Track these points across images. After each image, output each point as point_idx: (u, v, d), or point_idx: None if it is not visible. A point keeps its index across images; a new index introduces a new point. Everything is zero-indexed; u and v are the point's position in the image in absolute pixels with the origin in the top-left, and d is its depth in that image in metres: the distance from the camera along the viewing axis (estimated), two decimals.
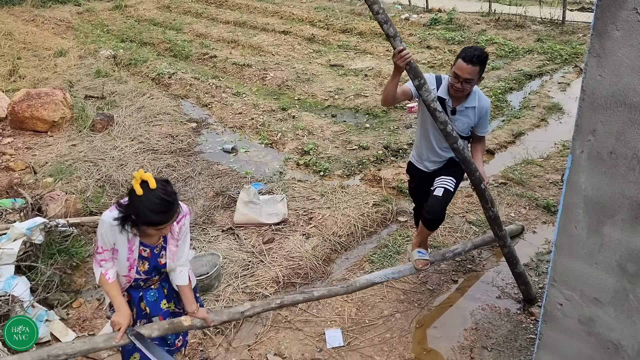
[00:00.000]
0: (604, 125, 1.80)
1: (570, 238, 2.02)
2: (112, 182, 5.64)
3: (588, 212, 1.94)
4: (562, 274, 2.10)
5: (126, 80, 8.80)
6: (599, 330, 2.06)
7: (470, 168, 3.34)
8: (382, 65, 9.41)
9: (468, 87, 3.33)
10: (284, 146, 6.66)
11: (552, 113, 7.39)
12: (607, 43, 1.72)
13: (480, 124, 3.59)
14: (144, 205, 2.28)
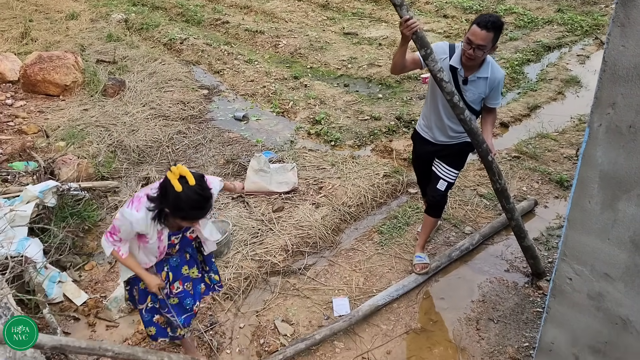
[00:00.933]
0: (625, 98, 1.75)
1: (584, 213, 1.99)
2: (124, 147, 5.65)
3: (603, 186, 1.90)
4: (573, 249, 2.08)
5: (138, 45, 8.73)
6: (608, 305, 2.05)
7: (477, 140, 3.32)
8: (397, 34, 9.21)
9: (480, 54, 3.23)
10: (296, 115, 6.61)
11: (569, 86, 7.23)
12: (632, 12, 1.65)
13: (492, 96, 3.50)
14: (183, 201, 2.31)
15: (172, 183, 2.30)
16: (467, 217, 4.65)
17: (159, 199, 2.39)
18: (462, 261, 4.19)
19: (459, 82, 3.39)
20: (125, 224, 2.45)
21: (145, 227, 2.46)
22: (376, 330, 3.60)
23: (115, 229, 2.51)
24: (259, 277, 4.05)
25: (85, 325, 3.63)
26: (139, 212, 2.43)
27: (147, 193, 2.46)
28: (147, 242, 2.55)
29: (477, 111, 3.59)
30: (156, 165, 5.43)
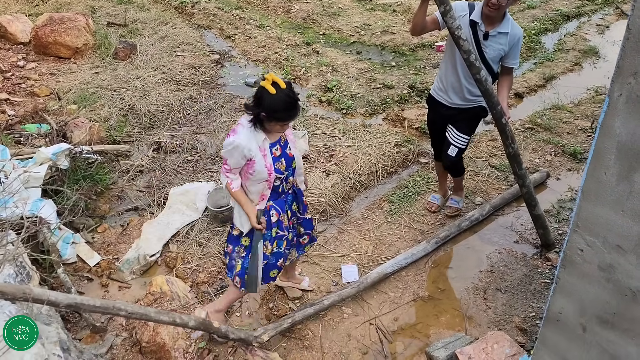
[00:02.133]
0: None
1: (599, 184, 1.97)
2: (135, 111, 5.65)
3: (620, 158, 1.87)
4: (586, 220, 2.07)
5: (149, 8, 8.62)
6: (619, 277, 2.05)
7: (492, 101, 3.33)
8: (412, 0, 9.03)
9: (502, 6, 3.26)
10: (307, 82, 6.55)
11: (587, 57, 7.08)
12: None
13: (511, 54, 3.50)
14: (277, 102, 2.60)
15: (266, 88, 2.59)
16: (478, 188, 4.64)
17: (256, 104, 2.66)
18: (471, 231, 4.19)
19: (479, 37, 3.43)
20: (230, 150, 2.70)
21: (246, 145, 2.68)
22: (384, 297, 3.64)
23: (224, 161, 2.78)
24: None
25: (98, 286, 3.70)
26: (237, 134, 2.70)
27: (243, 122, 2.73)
28: (254, 167, 2.75)
29: (495, 72, 3.60)
30: (167, 130, 5.44)
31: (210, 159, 5.01)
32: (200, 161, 4.98)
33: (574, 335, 2.32)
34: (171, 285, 3.44)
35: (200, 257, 3.89)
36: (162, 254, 3.94)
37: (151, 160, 4.94)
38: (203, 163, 4.95)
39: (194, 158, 5.02)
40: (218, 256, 3.90)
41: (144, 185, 4.66)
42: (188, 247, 3.98)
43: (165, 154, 5.08)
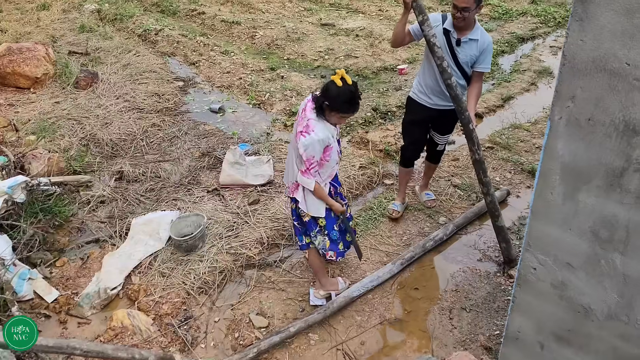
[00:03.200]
0: (583, 91, 1.78)
1: (546, 203, 2.03)
2: (97, 141, 5.57)
3: (564, 178, 1.94)
4: (537, 239, 2.12)
5: (111, 36, 8.58)
6: (571, 294, 2.10)
7: (460, 106, 3.57)
8: (374, 25, 9.22)
9: (467, 14, 3.57)
10: (272, 107, 6.58)
11: (542, 77, 7.32)
12: (589, 7, 1.68)
13: (481, 59, 3.79)
14: (342, 95, 2.97)
15: (335, 81, 2.96)
16: (441, 208, 4.70)
17: (323, 94, 3.01)
18: (436, 251, 4.23)
19: (452, 44, 3.75)
20: (312, 146, 3.01)
21: (326, 136, 3.04)
22: (351, 322, 3.63)
23: (308, 162, 3.07)
24: (234, 271, 4.05)
25: (56, 323, 3.59)
26: (315, 131, 3.01)
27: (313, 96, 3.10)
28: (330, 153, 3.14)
29: (469, 75, 3.89)
30: (130, 159, 5.36)
31: (174, 186, 4.95)
32: (164, 189, 4.92)
33: (533, 353, 2.36)
34: (133, 319, 3.36)
35: (163, 288, 3.81)
36: (124, 287, 3.85)
37: (113, 190, 4.85)
38: (167, 191, 4.89)
39: (157, 186, 4.95)
40: (182, 286, 3.84)
41: (106, 216, 4.57)
42: (151, 278, 3.90)
43: (127, 183, 5.01)
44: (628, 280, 1.90)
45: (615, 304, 1.98)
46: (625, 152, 1.75)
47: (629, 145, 1.74)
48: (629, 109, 1.70)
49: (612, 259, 1.92)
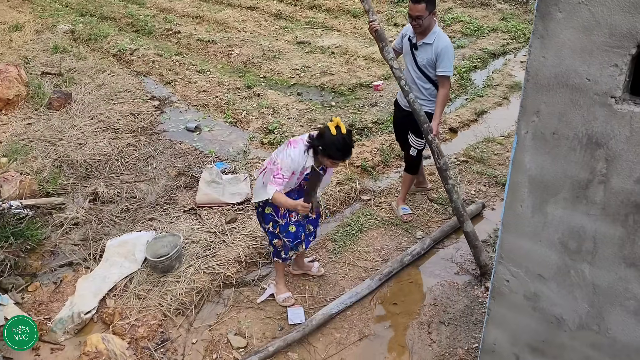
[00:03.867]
0: (547, 106, 1.83)
1: (516, 216, 2.06)
2: (70, 162, 5.50)
3: (532, 191, 1.98)
4: (509, 251, 2.15)
5: (85, 57, 8.53)
6: (543, 305, 2.13)
7: (419, 119, 3.99)
8: (349, 43, 9.35)
9: (421, 22, 3.94)
10: (249, 125, 6.58)
11: (514, 92, 7.48)
12: (550, 25, 1.73)
13: (439, 63, 4.05)
14: (335, 143, 3.15)
15: (330, 128, 3.12)
16: (418, 222, 4.74)
17: (318, 139, 3.20)
18: (414, 266, 4.25)
19: (412, 48, 4.16)
20: (287, 161, 3.23)
21: (298, 162, 3.26)
22: (330, 339, 3.61)
23: (279, 170, 3.25)
24: (212, 291, 4.00)
25: (28, 350, 3.48)
26: (296, 149, 3.25)
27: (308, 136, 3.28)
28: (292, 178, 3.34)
29: (432, 78, 4.18)
30: (105, 180, 5.30)
31: (150, 207, 4.90)
32: (140, 210, 4.87)
33: None
34: (107, 344, 3.29)
35: (139, 311, 3.75)
36: (98, 311, 3.77)
37: (87, 212, 4.78)
38: (142, 212, 4.83)
39: (132, 207, 4.90)
40: (159, 308, 3.78)
41: (79, 238, 4.50)
42: (126, 300, 3.83)
43: (102, 205, 4.94)
44: (597, 290, 1.94)
45: (586, 314, 2.01)
46: (589, 165, 1.80)
47: (593, 157, 1.78)
48: (591, 123, 1.75)
49: (581, 270, 1.95)
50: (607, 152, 1.75)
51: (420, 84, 4.21)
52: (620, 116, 1.68)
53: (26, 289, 3.91)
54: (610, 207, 1.80)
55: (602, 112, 1.72)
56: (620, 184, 1.75)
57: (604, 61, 1.66)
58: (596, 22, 1.64)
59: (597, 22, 1.64)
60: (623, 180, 1.74)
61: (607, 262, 1.88)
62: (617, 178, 1.76)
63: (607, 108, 1.70)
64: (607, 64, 1.66)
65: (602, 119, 1.72)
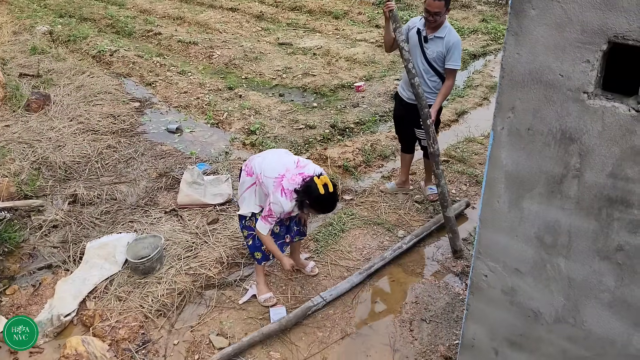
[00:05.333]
0: (522, 102, 1.86)
1: (493, 212, 2.09)
2: (49, 164, 5.43)
3: (509, 186, 2.01)
4: (487, 247, 2.18)
5: (64, 58, 8.42)
6: (520, 299, 2.16)
7: (421, 103, 4.06)
8: (331, 44, 9.37)
9: (438, 18, 4.08)
10: (230, 126, 6.56)
11: (494, 92, 7.57)
12: (523, 22, 1.76)
13: (449, 57, 4.18)
14: (322, 202, 3.29)
15: (318, 187, 3.22)
16: (400, 221, 4.76)
17: (304, 193, 3.27)
18: (395, 264, 4.27)
19: (422, 40, 4.23)
20: (279, 208, 3.32)
21: (287, 210, 3.35)
22: (312, 338, 3.61)
23: (272, 213, 3.35)
24: (194, 292, 3.98)
25: (6, 354, 3.42)
26: (290, 202, 3.31)
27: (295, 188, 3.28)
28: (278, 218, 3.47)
29: (440, 72, 4.29)
30: (84, 182, 5.23)
31: (131, 208, 4.86)
32: (120, 212, 4.82)
33: (488, 359, 2.40)
34: (87, 346, 3.25)
35: (120, 313, 3.71)
36: (78, 313, 3.73)
37: (66, 214, 4.72)
38: (123, 213, 4.79)
39: (113, 209, 4.85)
40: (140, 310, 3.74)
41: (59, 240, 4.44)
42: (107, 302, 3.79)
43: (82, 207, 4.88)
44: (573, 283, 1.97)
45: (562, 307, 2.04)
46: (563, 160, 1.83)
47: (567, 152, 1.82)
48: (565, 119, 1.78)
49: (557, 264, 1.99)
50: (581, 147, 1.78)
51: (427, 77, 4.32)
52: (593, 111, 1.72)
53: (4, 292, 3.85)
54: (584, 201, 1.84)
55: (575, 108, 1.75)
56: (593, 178, 1.79)
57: (576, 57, 1.70)
58: (568, 18, 1.67)
59: (569, 18, 1.67)
60: (596, 174, 1.78)
61: (582, 256, 1.91)
62: (590, 172, 1.79)
63: (580, 103, 1.73)
64: (580, 60, 1.69)
65: (575, 115, 1.76)
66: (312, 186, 3.25)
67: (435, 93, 4.35)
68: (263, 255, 3.78)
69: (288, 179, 3.34)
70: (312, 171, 3.40)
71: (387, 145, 5.98)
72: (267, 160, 3.51)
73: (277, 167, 3.43)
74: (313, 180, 3.26)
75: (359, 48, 9.16)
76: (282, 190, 3.32)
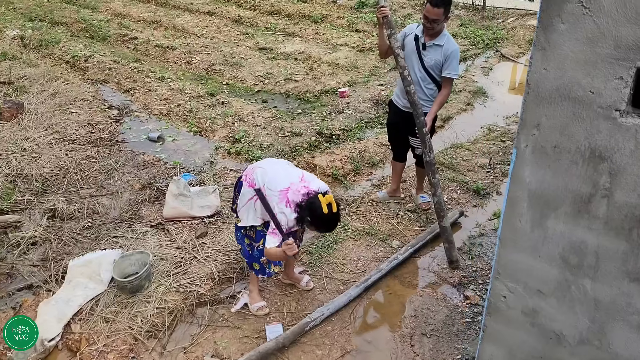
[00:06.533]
0: (548, 119, 1.79)
1: (515, 231, 2.01)
2: (25, 176, 5.17)
3: (532, 205, 1.93)
4: (506, 267, 2.10)
5: (37, 64, 8.11)
6: (542, 321, 2.09)
7: (416, 111, 4.02)
8: (312, 49, 9.28)
9: (436, 25, 4.02)
10: (214, 134, 6.40)
11: (477, 97, 7.59)
12: (552, 36, 1.69)
13: (447, 65, 4.13)
14: (325, 221, 3.19)
15: (322, 206, 3.11)
16: (393, 231, 4.68)
17: (307, 210, 3.16)
18: (392, 276, 4.19)
19: (419, 47, 4.16)
20: (284, 218, 3.23)
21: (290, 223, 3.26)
22: (312, 357, 3.49)
23: (280, 224, 3.26)
24: (185, 310, 3.81)
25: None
26: (292, 211, 3.21)
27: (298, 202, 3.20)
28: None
29: (437, 80, 4.23)
30: (63, 195, 5.00)
31: (114, 223, 4.66)
32: (103, 226, 4.61)
33: None
34: None
35: (108, 336, 3.52)
36: (63, 337, 3.51)
37: (46, 230, 4.49)
38: (106, 228, 4.58)
39: (95, 223, 4.64)
40: (129, 331, 3.56)
41: (39, 258, 4.22)
42: (93, 325, 3.60)
43: (62, 222, 4.65)
44: (599, 305, 1.91)
45: (586, 329, 1.98)
46: (592, 179, 1.77)
47: (596, 171, 1.75)
48: (595, 136, 1.72)
49: (582, 285, 1.92)
50: (611, 165, 1.72)
51: (424, 85, 4.25)
52: (625, 129, 1.65)
53: None
54: (614, 221, 1.77)
55: (606, 126, 1.68)
56: (624, 198, 1.73)
57: (608, 73, 1.63)
58: (601, 33, 1.60)
59: (602, 33, 1.60)
60: (627, 194, 1.71)
61: (610, 277, 1.85)
62: (621, 192, 1.73)
63: (612, 121, 1.67)
64: (612, 76, 1.63)
65: (606, 132, 1.69)
66: (315, 203, 3.15)
67: (431, 101, 4.29)
68: (261, 267, 3.66)
69: (293, 191, 3.25)
70: (316, 187, 3.30)
71: (375, 152, 5.91)
72: (270, 172, 3.39)
73: (282, 180, 3.31)
74: (317, 197, 3.16)
75: (341, 53, 9.09)
76: (287, 202, 3.23)
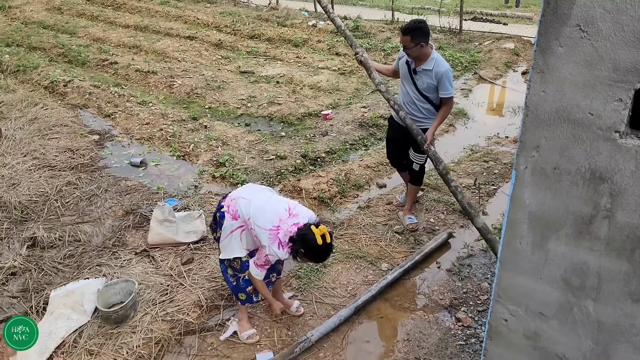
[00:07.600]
0: (548, 141, 1.79)
1: (515, 253, 2.00)
2: (3, 204, 5.02)
3: (532, 227, 1.93)
4: (507, 290, 2.08)
5: (14, 89, 7.97)
6: (544, 344, 2.07)
7: (413, 133, 4.35)
8: (294, 72, 9.32)
9: (408, 52, 4.27)
10: (198, 158, 6.33)
11: (458, 118, 7.68)
12: (550, 59, 1.70)
13: (442, 87, 4.30)
14: (318, 252, 3.19)
15: (317, 237, 3.11)
16: (382, 254, 4.65)
17: (301, 242, 3.15)
18: (382, 299, 4.14)
19: (411, 72, 4.40)
20: (274, 258, 3.27)
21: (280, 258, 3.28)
22: None
23: (267, 262, 3.29)
24: (172, 340, 3.70)
25: None
26: (285, 252, 3.22)
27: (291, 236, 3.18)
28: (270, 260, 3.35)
29: (432, 101, 4.43)
30: (43, 222, 4.86)
31: (97, 250, 4.53)
32: (85, 254, 4.48)
33: None
34: None
35: None
36: None
37: (25, 260, 4.34)
38: (89, 256, 4.46)
39: (77, 252, 4.51)
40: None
41: (18, 289, 4.06)
42: (77, 358, 3.46)
43: (42, 250, 4.51)
44: (602, 327, 1.90)
45: (590, 352, 1.96)
46: (592, 200, 1.77)
47: (596, 192, 1.76)
48: (595, 158, 1.73)
49: (585, 307, 1.91)
50: (612, 186, 1.72)
51: (419, 105, 4.46)
52: (625, 150, 1.66)
53: None
54: (615, 242, 1.77)
55: (606, 147, 1.69)
56: (625, 218, 1.73)
57: (607, 96, 1.65)
58: (599, 56, 1.62)
59: (600, 56, 1.62)
60: (629, 214, 1.72)
61: (613, 299, 1.84)
62: (622, 213, 1.73)
63: (611, 142, 1.68)
64: (611, 98, 1.64)
65: (606, 154, 1.70)
66: (309, 235, 3.14)
67: (429, 118, 4.49)
68: (247, 297, 3.59)
69: (284, 231, 3.21)
70: (306, 219, 3.27)
71: (360, 174, 5.91)
72: (255, 204, 3.31)
73: (270, 216, 3.24)
74: (310, 229, 3.15)
75: (322, 76, 9.15)
76: (280, 244, 3.21)
